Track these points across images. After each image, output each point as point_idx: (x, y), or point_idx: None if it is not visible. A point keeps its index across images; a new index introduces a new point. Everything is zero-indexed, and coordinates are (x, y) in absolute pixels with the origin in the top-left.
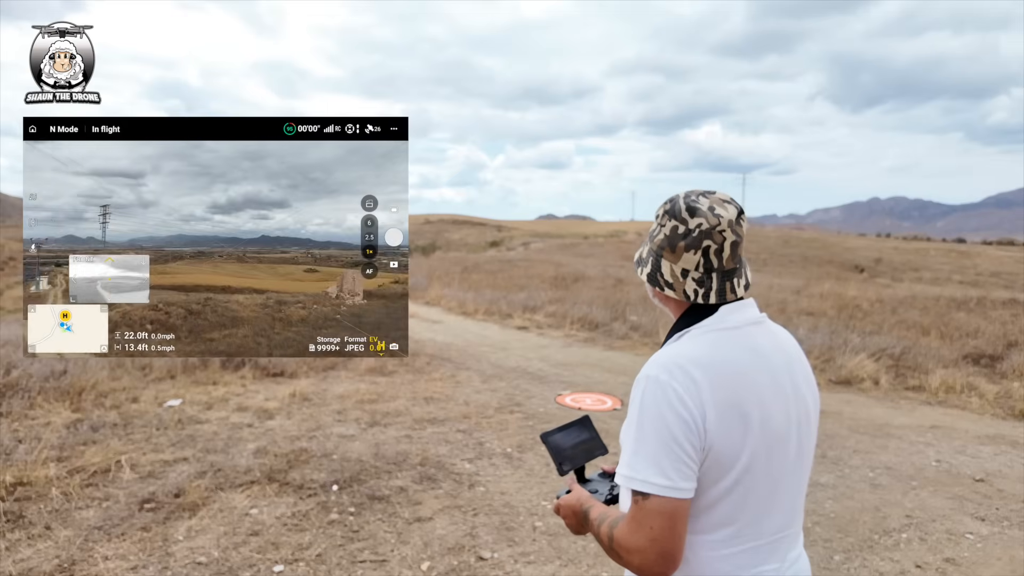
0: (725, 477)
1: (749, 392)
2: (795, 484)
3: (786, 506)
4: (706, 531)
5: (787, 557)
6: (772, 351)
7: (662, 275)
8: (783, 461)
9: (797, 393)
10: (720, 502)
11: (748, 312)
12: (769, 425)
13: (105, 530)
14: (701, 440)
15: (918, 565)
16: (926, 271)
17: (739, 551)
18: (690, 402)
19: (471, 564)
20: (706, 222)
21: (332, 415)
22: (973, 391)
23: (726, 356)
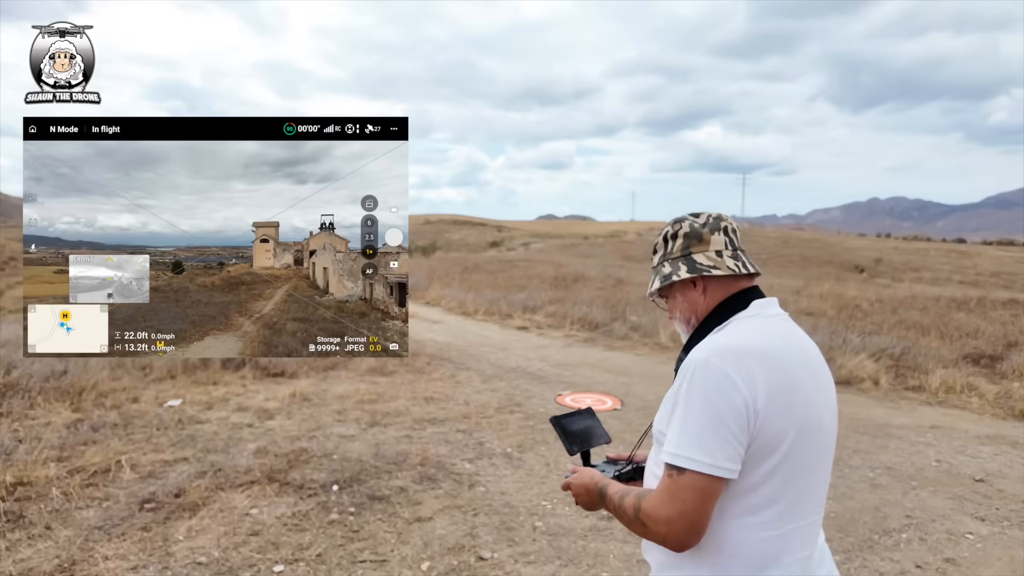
0: (769, 459)
1: (793, 379)
2: (826, 469)
3: (819, 491)
4: (749, 513)
5: (816, 543)
6: (803, 345)
7: (701, 264)
8: (818, 446)
9: (826, 385)
10: (763, 484)
11: (775, 308)
12: (808, 411)
13: (105, 530)
14: (751, 423)
15: (918, 565)
16: (926, 271)
17: (780, 534)
18: (743, 386)
19: (471, 564)
20: (710, 214)
21: (332, 415)
22: (973, 391)
23: (772, 343)
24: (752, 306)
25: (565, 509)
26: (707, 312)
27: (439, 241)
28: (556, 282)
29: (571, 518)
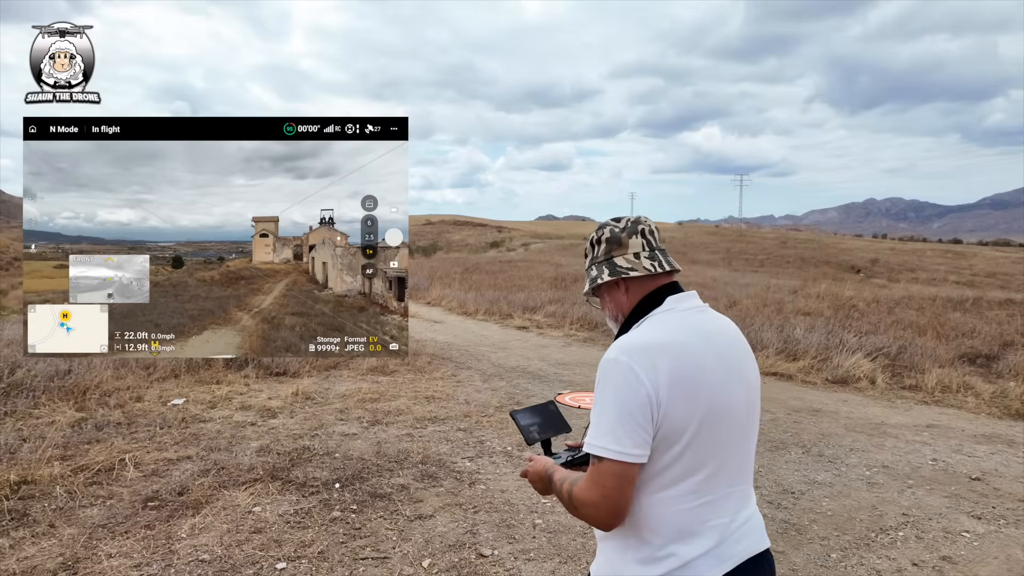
0: (678, 442)
1: (698, 370)
2: (741, 449)
3: (733, 468)
4: (663, 489)
5: (738, 514)
6: (716, 334)
7: (621, 267)
8: (729, 430)
9: (740, 370)
10: (674, 464)
11: (692, 301)
12: (715, 398)
13: (109, 528)
14: (655, 412)
15: (915, 563)
16: (922, 271)
17: (694, 507)
18: (646, 380)
19: (472, 561)
20: (629, 218)
21: (334, 414)
22: (969, 390)
23: (678, 338)
24: (667, 302)
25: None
26: (631, 309)
27: (440, 242)
28: (556, 282)
29: (571, 516)
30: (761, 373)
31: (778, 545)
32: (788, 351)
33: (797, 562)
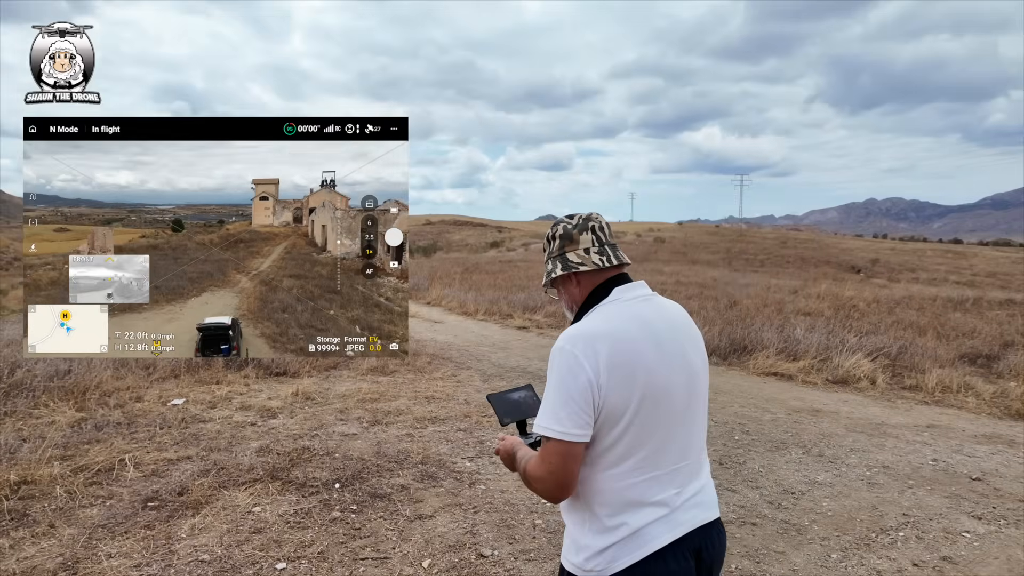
0: (619, 423)
1: (635, 354)
2: (686, 427)
3: (679, 445)
4: (610, 467)
5: (688, 486)
6: (656, 320)
7: (572, 262)
8: (669, 409)
9: (682, 353)
10: (617, 443)
11: (638, 291)
12: (653, 381)
13: (109, 528)
14: (596, 396)
15: (915, 563)
16: (922, 272)
17: (640, 481)
18: (587, 366)
19: (472, 561)
20: (581, 215)
21: (334, 414)
22: (970, 391)
23: (618, 327)
24: (613, 293)
25: None
26: (583, 299)
27: (440, 242)
28: None
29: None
30: (762, 373)
31: (778, 545)
32: (788, 351)
33: (797, 562)
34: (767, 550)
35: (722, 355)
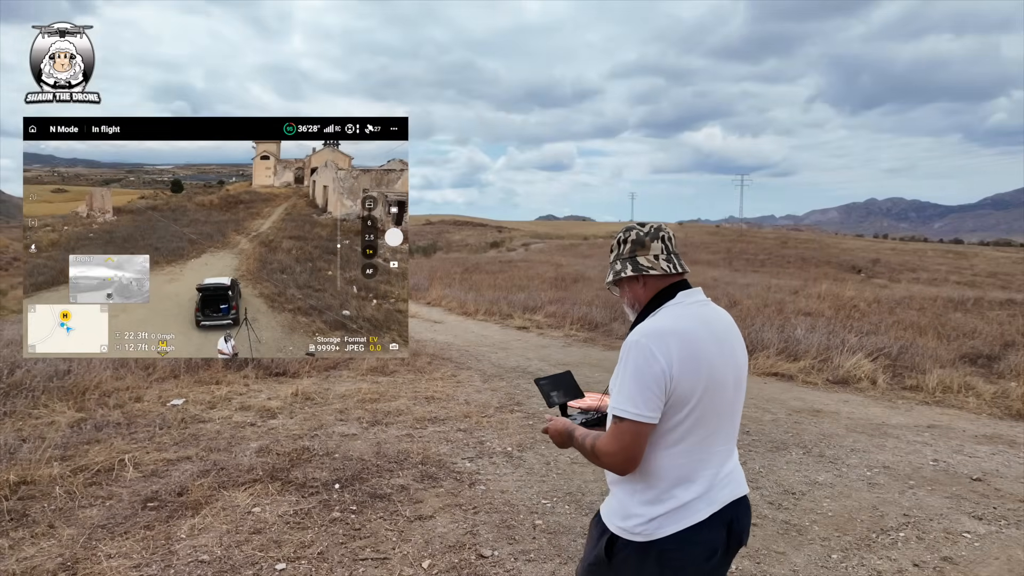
0: (683, 409)
1: (701, 351)
2: (731, 416)
3: (724, 431)
4: (670, 446)
5: (723, 467)
6: (715, 322)
7: (642, 266)
8: (722, 400)
9: (732, 352)
10: (679, 426)
11: (697, 296)
12: (713, 374)
13: (108, 528)
14: (668, 385)
15: (915, 564)
16: (923, 272)
17: (692, 461)
18: (662, 359)
19: (471, 562)
20: (653, 225)
21: (334, 414)
22: (970, 391)
23: (687, 326)
24: (678, 296)
25: (565, 507)
26: (647, 300)
27: (440, 242)
28: (556, 282)
29: (571, 516)
30: (762, 373)
31: (779, 546)
32: (789, 351)
33: (798, 563)
34: (767, 550)
35: None
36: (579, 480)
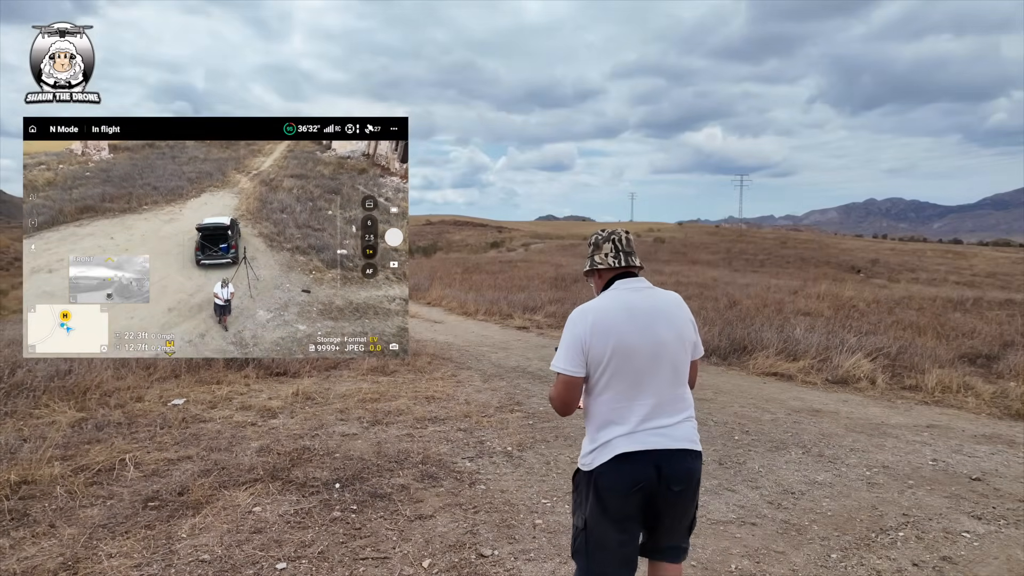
0: (599, 367)
1: (611, 325)
2: (652, 377)
3: (645, 389)
4: (597, 395)
5: (653, 420)
6: (637, 303)
7: (595, 262)
8: (635, 363)
9: (652, 326)
10: (599, 381)
11: (632, 284)
12: (622, 341)
13: (109, 528)
14: (584, 347)
15: (915, 563)
16: (922, 272)
17: (613, 409)
18: (579, 328)
19: (472, 561)
20: (609, 230)
21: (334, 414)
22: (969, 391)
23: (604, 305)
24: (615, 284)
25: (565, 507)
26: (601, 287)
27: (440, 242)
28: (556, 282)
29: (570, 516)
30: (761, 373)
31: (778, 545)
32: (788, 351)
33: (797, 562)
34: (767, 550)
35: (722, 355)
36: None
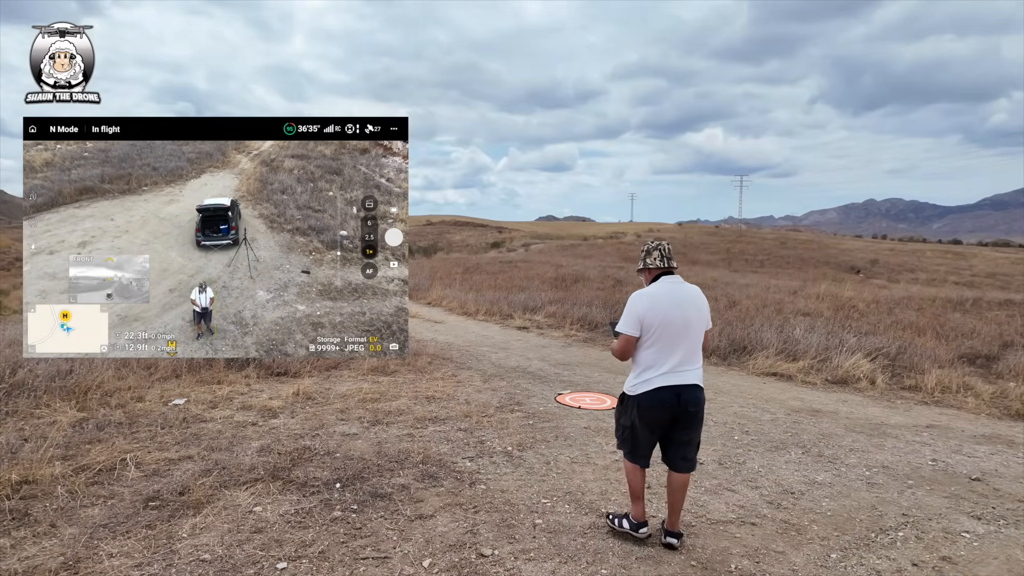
0: (649, 332)
1: (659, 305)
2: (682, 341)
3: (677, 349)
4: (645, 348)
5: (679, 367)
6: (676, 292)
7: (648, 264)
8: (673, 331)
9: (683, 308)
10: (648, 339)
11: (671, 279)
12: (666, 316)
13: (110, 528)
14: (642, 319)
15: (915, 563)
16: (922, 272)
17: (655, 357)
18: (639, 306)
19: (472, 561)
20: (655, 242)
21: (335, 414)
22: (969, 391)
23: (655, 292)
24: (660, 280)
25: (565, 507)
26: (650, 280)
27: (440, 242)
28: (556, 283)
29: (570, 516)
30: (761, 373)
31: (778, 545)
32: (788, 351)
33: (797, 562)
34: (767, 550)
35: (722, 355)
36: (579, 479)
